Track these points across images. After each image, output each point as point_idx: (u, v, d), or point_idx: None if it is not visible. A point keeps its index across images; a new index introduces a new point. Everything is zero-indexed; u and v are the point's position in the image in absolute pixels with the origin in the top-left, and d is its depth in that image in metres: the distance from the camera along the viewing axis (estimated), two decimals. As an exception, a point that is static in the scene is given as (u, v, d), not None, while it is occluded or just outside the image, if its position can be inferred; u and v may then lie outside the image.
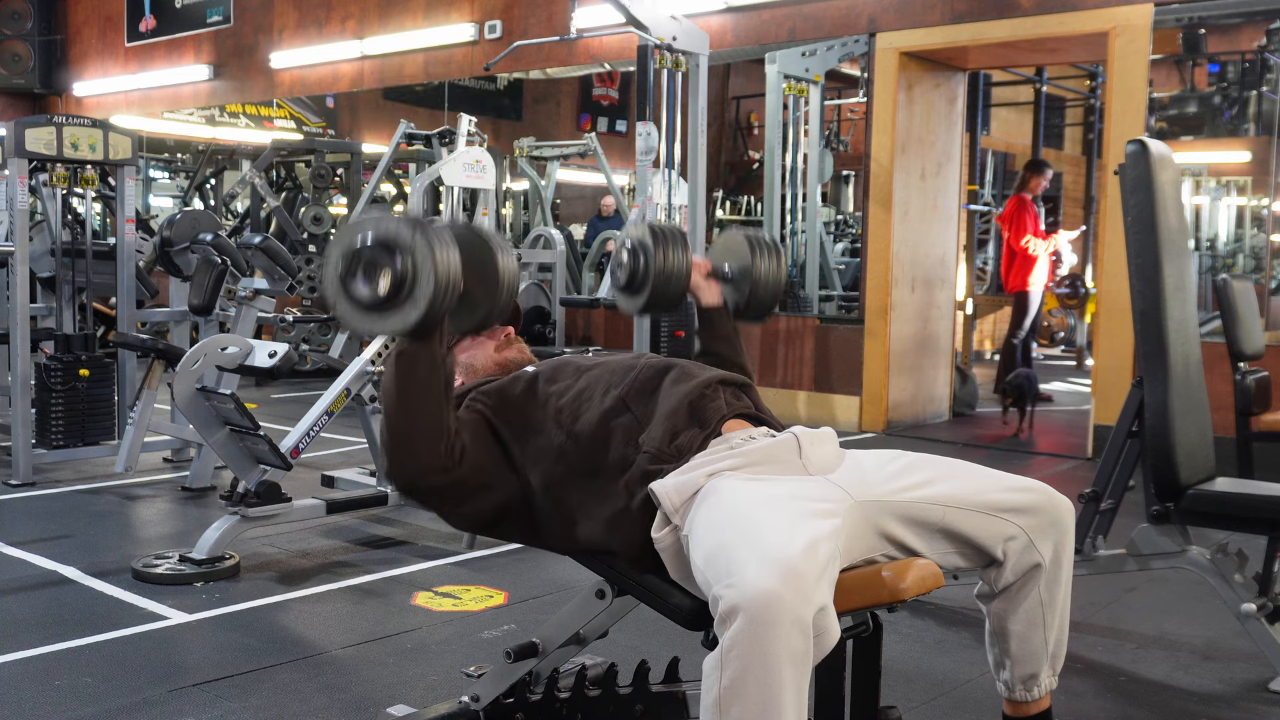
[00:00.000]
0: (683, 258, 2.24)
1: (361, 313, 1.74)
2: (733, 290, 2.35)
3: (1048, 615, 1.86)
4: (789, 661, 1.45)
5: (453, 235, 1.76)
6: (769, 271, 2.32)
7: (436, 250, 1.70)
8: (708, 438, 1.86)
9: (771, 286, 2.32)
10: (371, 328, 1.77)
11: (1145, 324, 2.86)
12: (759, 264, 2.31)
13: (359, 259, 1.72)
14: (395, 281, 1.70)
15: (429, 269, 1.69)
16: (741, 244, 2.34)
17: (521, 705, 2.15)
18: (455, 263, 1.73)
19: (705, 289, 2.32)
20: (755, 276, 2.31)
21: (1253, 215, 7.89)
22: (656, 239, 2.22)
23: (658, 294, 2.23)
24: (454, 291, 1.73)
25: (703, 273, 2.32)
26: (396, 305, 1.72)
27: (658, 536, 1.74)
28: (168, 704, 2.57)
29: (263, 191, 8.49)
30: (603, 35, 7.45)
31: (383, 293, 1.70)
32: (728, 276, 2.35)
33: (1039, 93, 9.99)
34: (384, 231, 1.72)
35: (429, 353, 1.78)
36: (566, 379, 1.98)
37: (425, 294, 1.70)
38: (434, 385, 1.79)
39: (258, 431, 3.54)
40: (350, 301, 1.74)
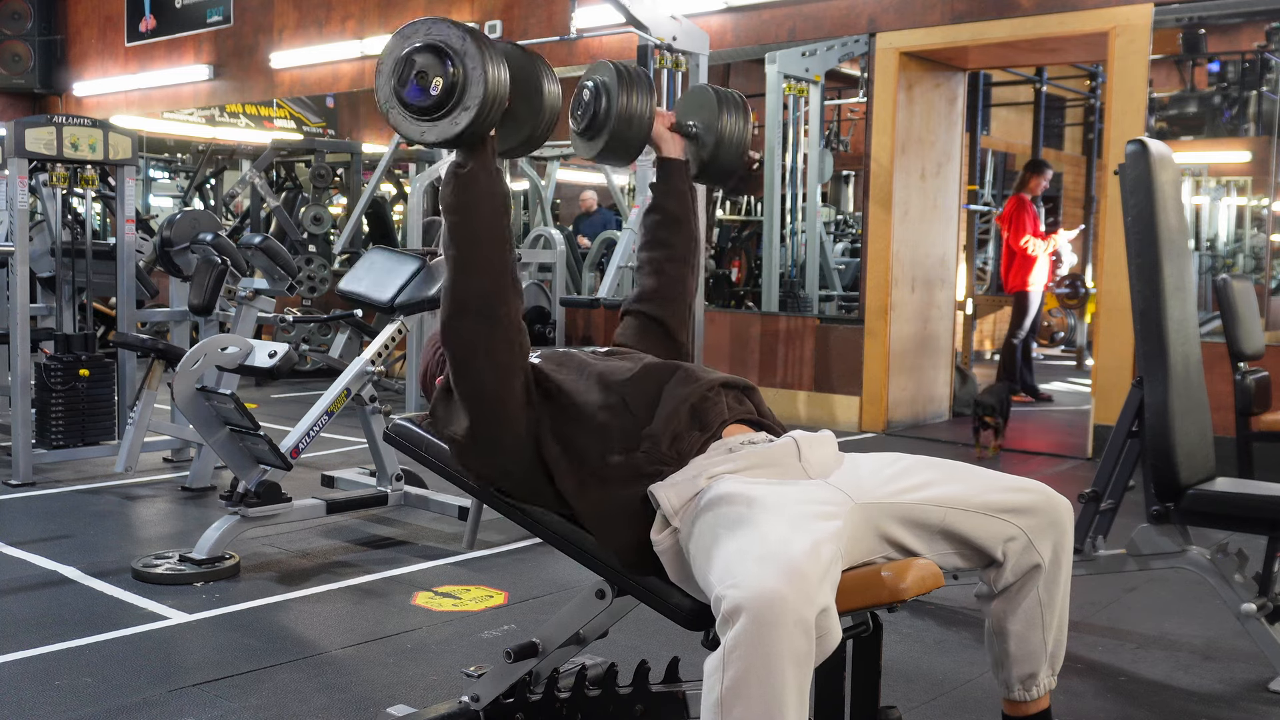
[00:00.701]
0: (646, 103, 2.17)
1: (413, 118, 1.77)
2: (695, 147, 2.29)
3: (1047, 615, 1.86)
4: (792, 662, 1.45)
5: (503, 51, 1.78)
6: (734, 129, 2.26)
7: (487, 59, 1.72)
8: (708, 441, 1.86)
9: (736, 145, 2.26)
10: (421, 134, 1.78)
11: (1145, 324, 2.86)
12: (725, 120, 2.24)
13: (411, 63, 1.75)
14: (447, 85, 1.72)
15: (479, 74, 1.72)
16: (709, 98, 2.28)
17: (521, 705, 2.15)
18: (504, 75, 1.75)
19: (667, 140, 2.27)
20: (720, 133, 2.25)
21: (1253, 215, 7.90)
22: (621, 79, 2.15)
23: (617, 138, 2.16)
24: (501, 102, 1.76)
25: (666, 124, 2.26)
26: (448, 110, 1.74)
27: (657, 539, 1.74)
28: (168, 704, 2.57)
29: (263, 191, 8.49)
30: (603, 35, 7.45)
31: (435, 95, 1.73)
32: (692, 132, 2.28)
33: (1039, 93, 9.99)
34: (435, 36, 1.75)
35: (484, 167, 1.80)
36: (570, 372, 1.97)
37: (476, 98, 1.72)
38: (494, 198, 1.81)
39: (258, 431, 3.54)
40: (402, 106, 1.77)
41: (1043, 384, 8.12)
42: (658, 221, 2.30)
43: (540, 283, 7.79)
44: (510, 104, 1.79)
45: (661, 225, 2.29)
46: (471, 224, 1.81)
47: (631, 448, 1.84)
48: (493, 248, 1.82)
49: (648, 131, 2.21)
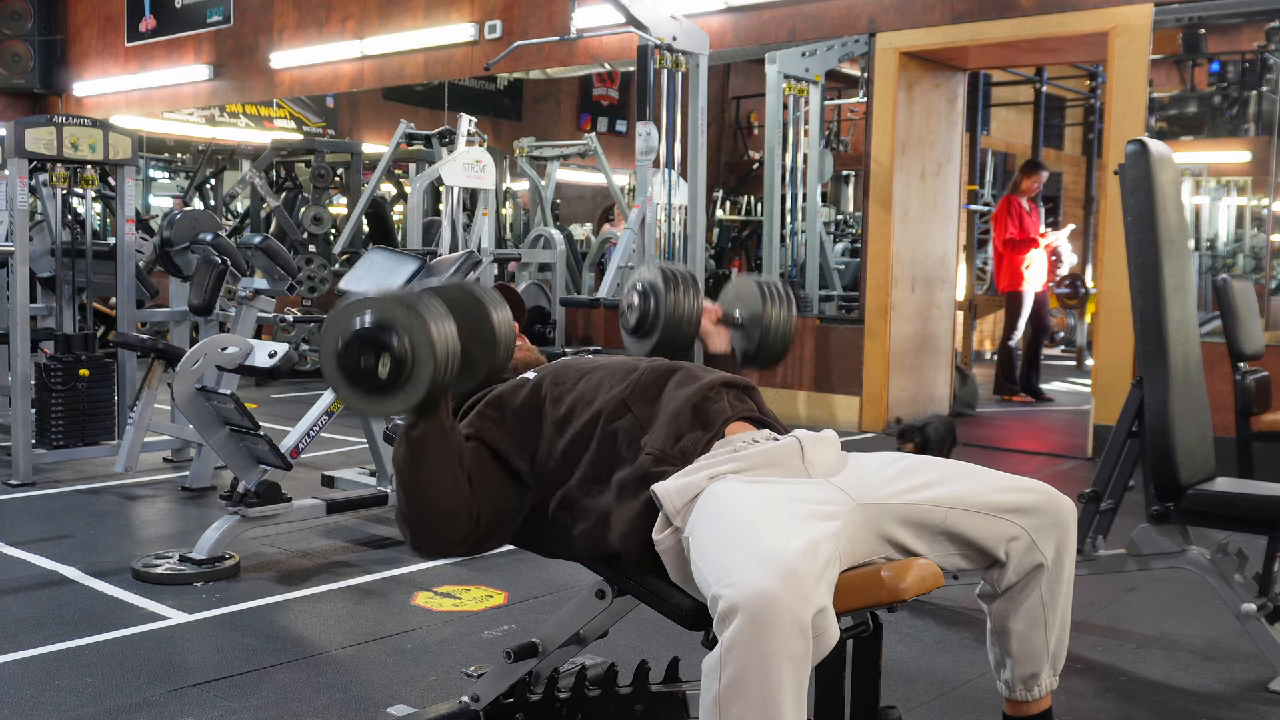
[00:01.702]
0: (694, 302, 2.22)
1: (364, 398, 1.74)
2: (741, 337, 2.32)
3: (1049, 615, 1.87)
4: (788, 661, 1.45)
5: (444, 303, 1.75)
6: (779, 319, 2.29)
7: (432, 327, 1.69)
8: (711, 440, 1.86)
9: (781, 334, 2.29)
10: (376, 410, 1.76)
11: (1145, 324, 2.86)
12: (769, 311, 2.27)
13: (353, 349, 1.72)
14: (395, 365, 1.69)
15: (426, 347, 1.68)
16: (753, 290, 2.31)
17: (521, 705, 2.15)
18: (452, 334, 1.72)
19: (714, 335, 2.31)
20: (765, 324, 2.28)
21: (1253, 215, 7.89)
22: (668, 282, 2.20)
23: (667, 338, 2.22)
24: (454, 365, 1.73)
25: (712, 319, 2.30)
26: (398, 388, 1.71)
27: (659, 538, 1.74)
28: (168, 704, 2.57)
29: (263, 191, 8.49)
30: (603, 35, 7.45)
31: (383, 378, 1.70)
32: (737, 323, 2.32)
33: (1039, 93, 9.99)
34: (377, 316, 1.71)
35: (437, 425, 1.79)
36: (568, 381, 1.98)
37: (426, 374, 1.69)
38: (447, 458, 1.81)
39: (258, 431, 3.54)
40: (352, 388, 1.74)
41: (1043, 384, 8.12)
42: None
43: (540, 283, 7.79)
44: (463, 349, 1.76)
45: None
46: (423, 486, 1.82)
47: (635, 450, 1.84)
48: (446, 506, 1.83)
49: (696, 330, 2.26)
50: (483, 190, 6.33)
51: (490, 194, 6.44)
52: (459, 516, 1.84)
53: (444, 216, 6.33)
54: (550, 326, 7.46)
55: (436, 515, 1.84)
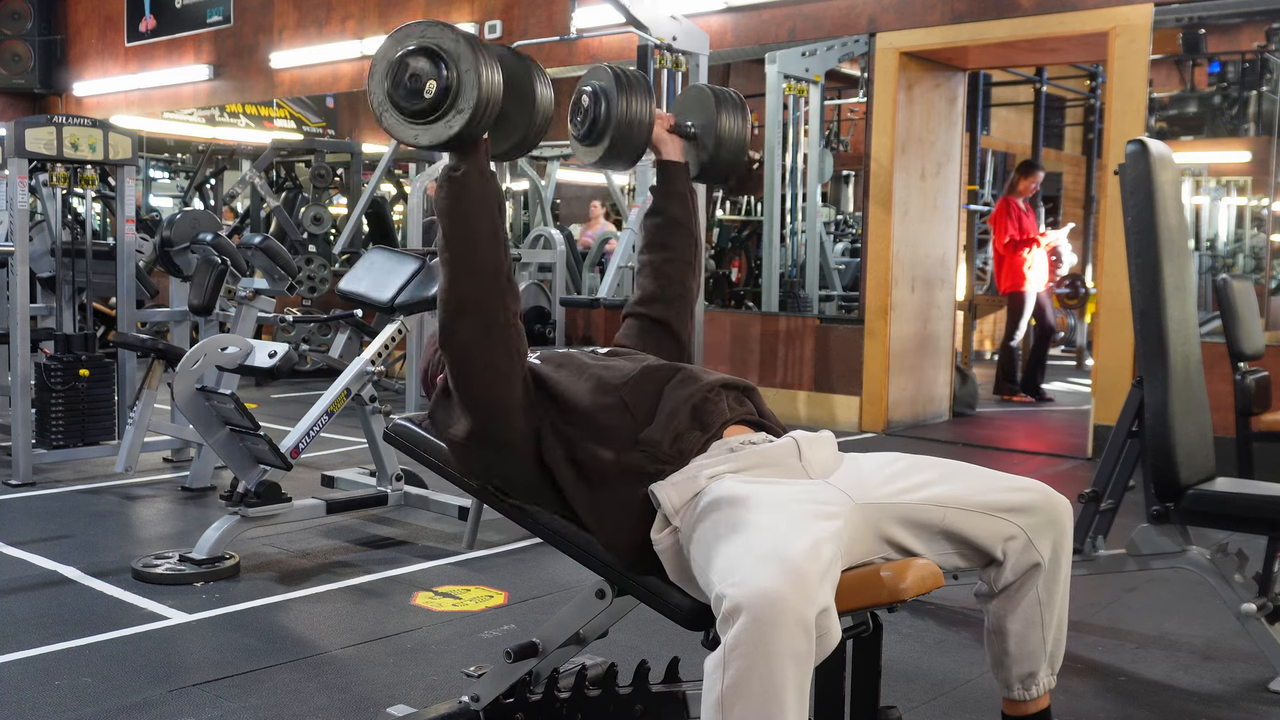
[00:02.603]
0: (645, 106, 2.17)
1: (407, 121, 1.77)
2: (695, 148, 2.29)
3: (1046, 614, 1.87)
4: (792, 661, 1.45)
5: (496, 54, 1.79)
6: (733, 129, 2.26)
7: (481, 62, 1.73)
8: (709, 440, 1.86)
9: (735, 144, 2.27)
10: (415, 137, 1.78)
11: (1145, 324, 2.86)
12: (723, 120, 2.25)
13: (404, 67, 1.75)
14: (441, 88, 1.73)
15: (473, 77, 1.72)
16: (707, 98, 2.28)
17: (521, 705, 2.15)
18: (498, 78, 1.76)
19: (667, 142, 2.27)
20: (719, 133, 2.25)
21: (1253, 215, 7.89)
22: (620, 84, 2.15)
23: (618, 143, 2.16)
24: (495, 106, 1.76)
25: (665, 126, 2.26)
26: (441, 113, 1.75)
27: (657, 538, 1.74)
28: (168, 704, 2.57)
29: (263, 191, 8.49)
30: (603, 35, 7.45)
31: (429, 97, 1.74)
32: (691, 133, 2.28)
33: (1039, 93, 9.99)
34: (428, 40, 1.75)
35: (478, 170, 1.81)
36: (569, 373, 1.97)
37: (469, 100, 1.73)
38: (489, 202, 1.82)
39: (258, 431, 3.54)
40: (396, 110, 1.78)
41: (1043, 383, 8.11)
42: (658, 224, 2.30)
43: (540, 283, 7.79)
44: (503, 107, 1.79)
45: (662, 227, 2.30)
46: (466, 228, 1.82)
47: (632, 448, 1.84)
48: (488, 251, 1.83)
49: (648, 135, 2.21)
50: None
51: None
52: (500, 273, 1.83)
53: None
54: (550, 326, 7.46)
55: (477, 262, 1.82)
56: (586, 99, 2.18)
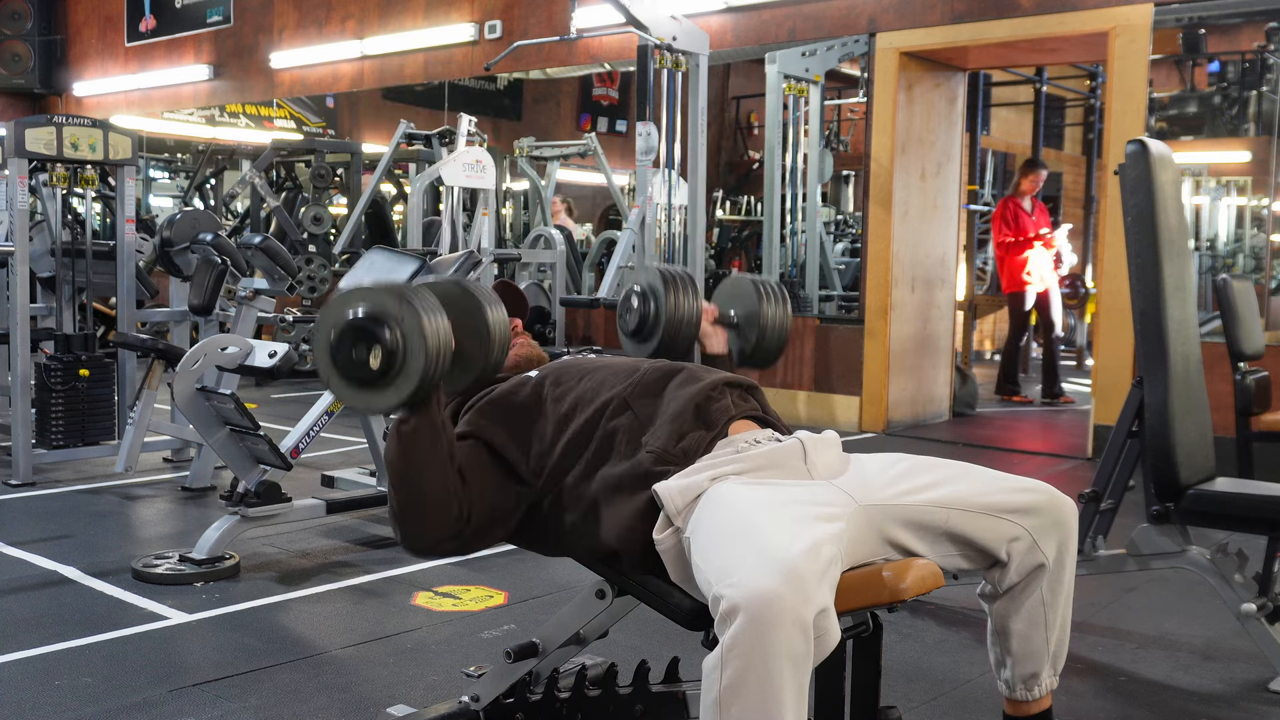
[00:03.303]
0: (693, 304, 2.22)
1: (356, 390, 1.75)
2: (737, 336, 2.32)
3: (1050, 615, 1.87)
4: (789, 661, 1.45)
5: (437, 298, 1.75)
6: (775, 318, 2.29)
7: (424, 319, 1.69)
8: (714, 439, 1.86)
9: (777, 333, 2.30)
10: (368, 404, 1.77)
11: (1145, 324, 2.86)
12: (765, 310, 2.28)
13: (345, 340, 1.72)
14: (386, 356, 1.70)
15: (418, 340, 1.69)
16: (748, 289, 2.31)
17: (521, 705, 2.15)
18: (444, 328, 1.73)
19: (711, 336, 2.31)
20: (761, 324, 2.28)
21: (1253, 215, 7.89)
22: (667, 284, 2.20)
23: (668, 341, 2.21)
24: (445, 359, 1.73)
25: (709, 319, 2.30)
26: (389, 381, 1.72)
27: (659, 538, 1.74)
28: (168, 704, 2.56)
29: (263, 191, 8.49)
30: (603, 35, 7.45)
31: (375, 370, 1.70)
32: (733, 323, 2.32)
33: (1039, 93, 9.98)
34: (369, 307, 1.71)
35: (428, 421, 1.79)
36: (569, 381, 1.98)
37: (417, 367, 1.69)
38: (437, 454, 1.81)
39: (258, 431, 3.54)
40: (343, 379, 1.75)
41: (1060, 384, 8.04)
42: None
43: (540, 283, 7.79)
44: (457, 346, 1.77)
45: None
46: (414, 481, 1.82)
47: (637, 449, 1.84)
48: (436, 502, 1.84)
49: (696, 331, 2.25)
50: (483, 190, 6.33)
51: (490, 194, 6.43)
52: (449, 513, 1.84)
53: (444, 216, 6.33)
54: (550, 326, 7.46)
55: (426, 511, 1.84)
56: (636, 299, 2.22)
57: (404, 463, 1.81)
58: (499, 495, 1.91)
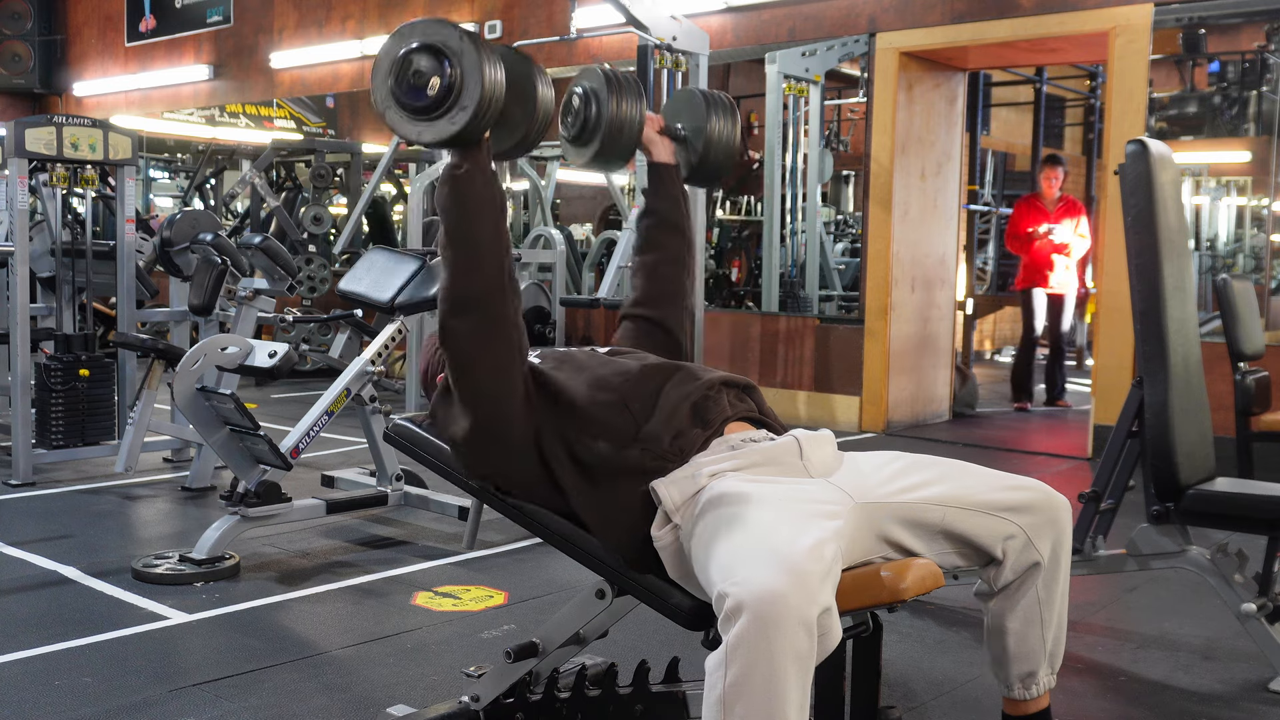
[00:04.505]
0: (636, 108, 2.18)
1: (410, 118, 1.78)
2: (685, 150, 2.30)
3: (1046, 613, 1.87)
4: (793, 660, 1.45)
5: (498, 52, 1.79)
6: (723, 131, 2.27)
7: (484, 60, 1.74)
8: (710, 438, 1.86)
9: (725, 147, 2.28)
10: (418, 134, 1.79)
11: (1145, 324, 2.86)
12: (713, 123, 2.26)
13: (408, 64, 1.76)
14: (445, 85, 1.74)
15: (476, 75, 1.73)
16: (697, 101, 2.29)
17: (521, 705, 2.15)
18: (500, 76, 1.77)
19: (657, 144, 2.28)
20: (709, 136, 2.26)
21: (1253, 215, 7.89)
22: (610, 86, 2.15)
23: (608, 145, 2.17)
24: (498, 103, 1.77)
25: (655, 128, 2.27)
26: (444, 110, 1.75)
27: (658, 535, 1.74)
28: (168, 704, 2.57)
29: (263, 191, 8.49)
30: (603, 35, 7.45)
31: (432, 95, 1.74)
32: (680, 135, 2.29)
33: (1039, 93, 9.99)
34: (432, 37, 1.76)
35: (479, 167, 1.82)
36: (569, 372, 1.97)
37: (473, 98, 1.73)
38: (490, 199, 1.83)
39: (258, 431, 3.54)
40: (399, 107, 1.78)
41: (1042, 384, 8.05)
42: (651, 225, 2.31)
43: (540, 283, 7.79)
44: (505, 106, 1.80)
45: (655, 228, 2.31)
46: (467, 225, 1.82)
47: (632, 445, 1.84)
48: (489, 248, 1.84)
49: (638, 137, 2.22)
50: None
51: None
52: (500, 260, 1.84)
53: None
54: (550, 326, 7.46)
55: (479, 256, 1.83)
56: (577, 100, 2.19)
57: (459, 208, 1.82)
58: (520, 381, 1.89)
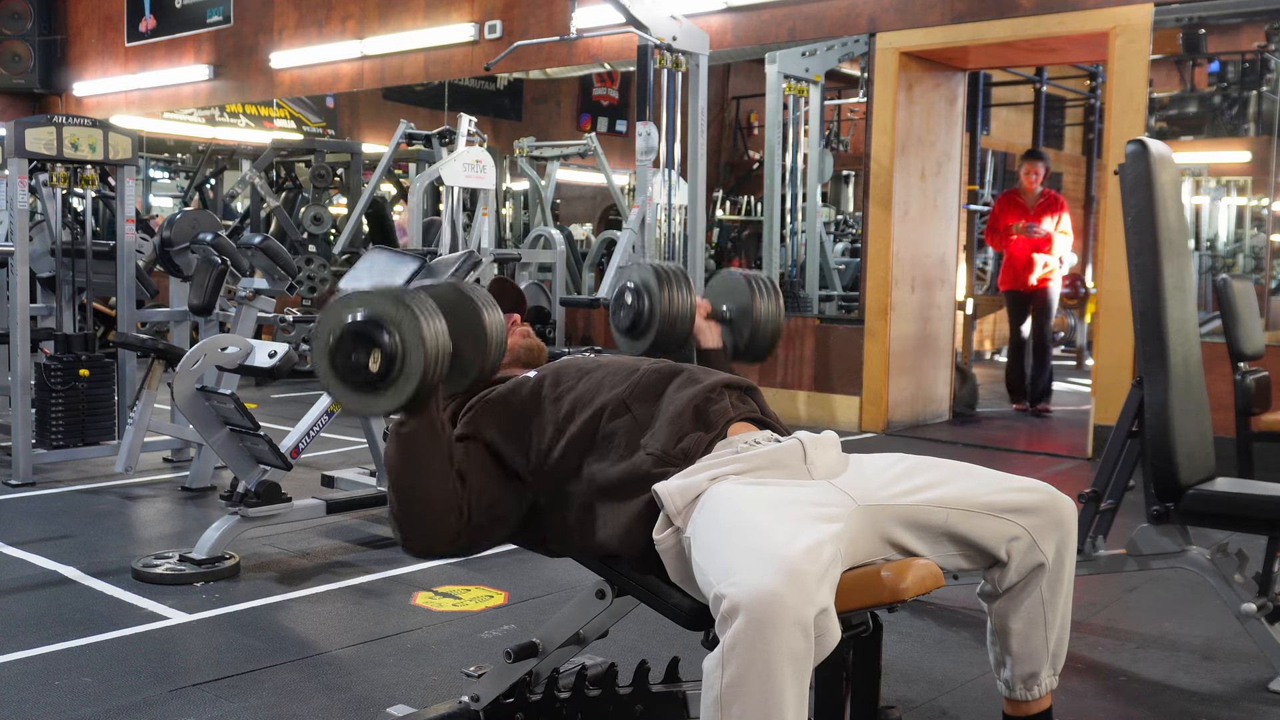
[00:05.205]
0: (687, 300, 2.23)
1: (355, 393, 1.75)
2: (730, 331, 2.34)
3: (1049, 614, 1.87)
4: (790, 661, 1.45)
5: (435, 302, 1.76)
6: (768, 312, 2.31)
7: (422, 322, 1.70)
8: (713, 440, 1.86)
9: (771, 327, 2.31)
10: (366, 407, 1.77)
11: (1145, 324, 2.86)
12: (758, 305, 2.29)
13: (345, 342, 1.72)
14: (385, 359, 1.70)
15: (417, 344, 1.69)
16: (740, 285, 2.32)
17: (521, 705, 2.15)
18: (443, 331, 1.74)
19: (705, 331, 2.32)
20: (755, 318, 2.30)
21: (1253, 215, 7.89)
22: (661, 281, 2.20)
23: (662, 337, 2.22)
24: (444, 362, 1.74)
25: (702, 314, 2.31)
26: (388, 384, 1.72)
27: (659, 538, 1.74)
28: (168, 704, 2.56)
29: (263, 191, 8.49)
30: (603, 35, 7.45)
31: (374, 372, 1.71)
32: (727, 318, 2.33)
33: (1039, 93, 9.99)
34: (369, 311, 1.72)
35: (427, 423, 1.80)
36: (569, 381, 1.98)
37: (416, 370, 1.70)
38: (437, 455, 1.82)
39: (258, 431, 3.54)
40: (343, 383, 1.75)
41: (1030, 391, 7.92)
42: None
43: (540, 283, 7.79)
44: (454, 348, 1.78)
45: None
46: (410, 481, 1.83)
47: (636, 451, 1.84)
48: (439, 506, 1.84)
49: (691, 327, 2.26)
50: (483, 190, 6.33)
51: (490, 194, 6.44)
52: (448, 515, 1.85)
53: (444, 216, 6.33)
54: (550, 326, 7.46)
55: (425, 513, 1.85)
56: (630, 296, 2.22)
57: (403, 464, 1.82)
58: (499, 495, 1.92)
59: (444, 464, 1.83)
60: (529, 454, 1.93)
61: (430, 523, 1.85)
